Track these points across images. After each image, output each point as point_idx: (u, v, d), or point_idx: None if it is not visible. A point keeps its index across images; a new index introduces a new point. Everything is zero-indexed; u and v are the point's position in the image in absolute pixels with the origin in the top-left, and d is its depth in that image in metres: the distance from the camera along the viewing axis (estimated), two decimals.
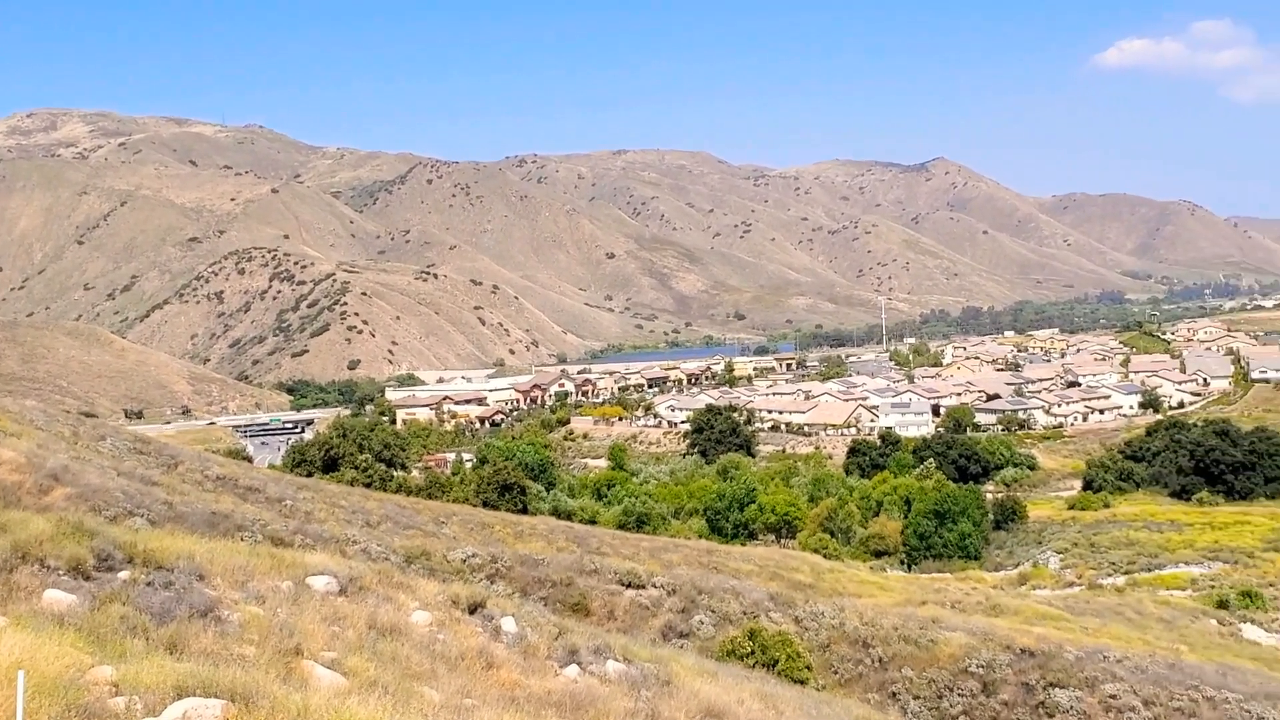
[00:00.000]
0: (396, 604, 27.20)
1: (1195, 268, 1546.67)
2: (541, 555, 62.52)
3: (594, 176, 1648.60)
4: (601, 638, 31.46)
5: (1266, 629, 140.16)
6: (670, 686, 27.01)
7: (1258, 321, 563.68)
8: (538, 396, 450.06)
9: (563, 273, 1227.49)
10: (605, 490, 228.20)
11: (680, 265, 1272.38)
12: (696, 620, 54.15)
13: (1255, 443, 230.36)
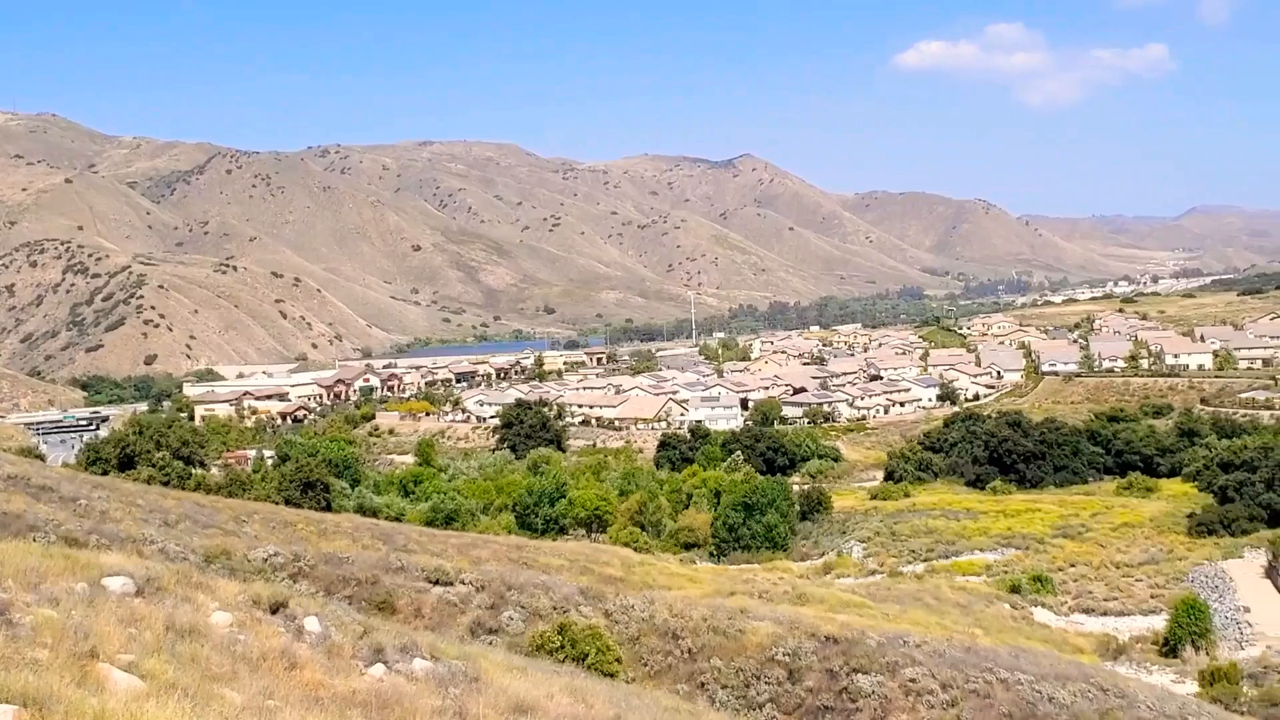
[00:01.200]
0: (196, 605, 26.33)
1: (990, 265, 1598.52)
2: (346, 553, 61.39)
3: (399, 167, 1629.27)
4: (408, 636, 30.95)
5: (1056, 612, 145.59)
6: (479, 683, 26.69)
7: (1047, 316, 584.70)
8: (342, 392, 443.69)
9: (368, 265, 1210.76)
10: (412, 487, 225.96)
11: (488, 258, 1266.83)
12: (506, 616, 53.77)
13: (1045, 433, 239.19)
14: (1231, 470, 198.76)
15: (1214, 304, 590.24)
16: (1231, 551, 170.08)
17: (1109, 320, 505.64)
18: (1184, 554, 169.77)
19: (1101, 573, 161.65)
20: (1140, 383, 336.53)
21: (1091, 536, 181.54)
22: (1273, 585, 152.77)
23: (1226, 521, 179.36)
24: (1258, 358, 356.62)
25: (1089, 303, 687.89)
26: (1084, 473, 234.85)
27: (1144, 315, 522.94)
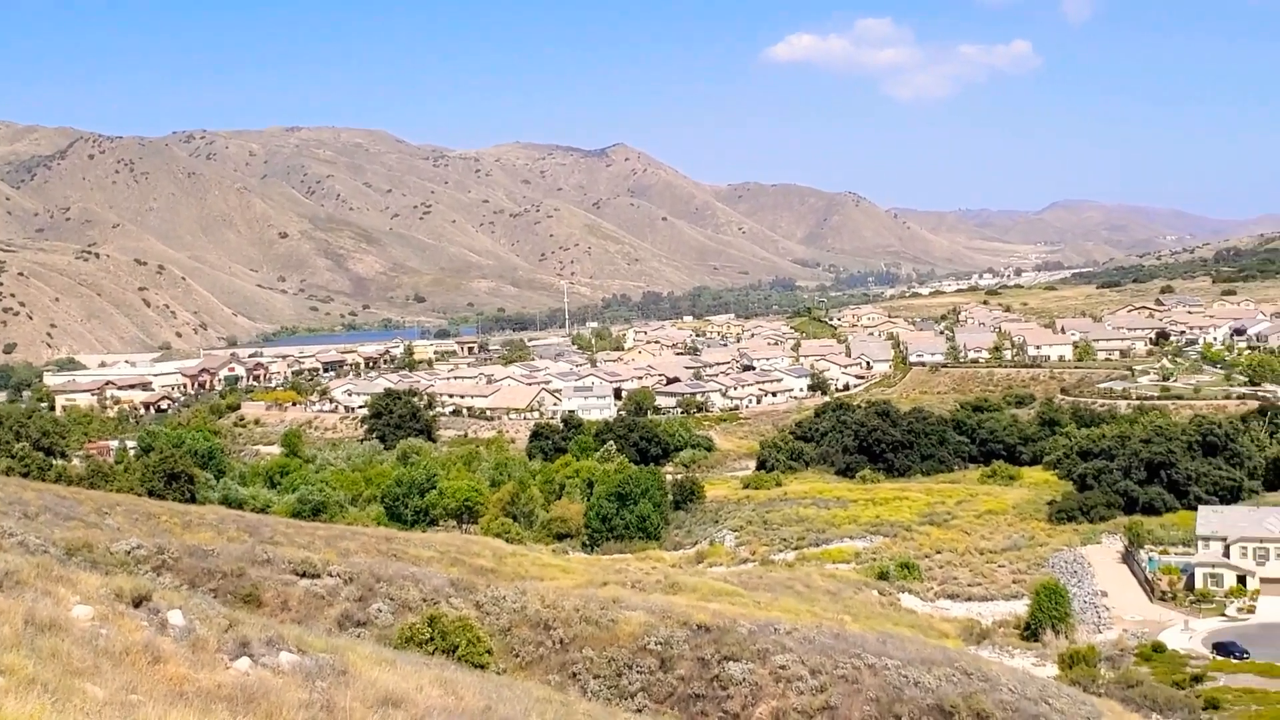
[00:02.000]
0: (56, 599, 25.59)
1: (860, 256, 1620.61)
2: (211, 546, 60.36)
3: (266, 154, 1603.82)
4: (275, 629, 30.44)
5: (922, 598, 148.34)
6: (347, 676, 26.28)
7: (915, 308, 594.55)
8: (207, 381, 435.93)
9: (234, 253, 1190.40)
10: (279, 478, 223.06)
11: (357, 246, 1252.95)
12: (375, 608, 53.29)
13: (913, 423, 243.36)
14: (1090, 458, 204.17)
15: (1074, 296, 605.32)
16: (1090, 537, 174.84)
17: (974, 312, 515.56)
18: (1045, 540, 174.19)
19: (966, 559, 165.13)
20: (1004, 373, 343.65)
21: (957, 524, 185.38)
22: (1129, 570, 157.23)
23: (1085, 508, 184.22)
24: (1115, 349, 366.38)
25: (955, 295, 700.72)
26: (950, 461, 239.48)
27: (1008, 307, 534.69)
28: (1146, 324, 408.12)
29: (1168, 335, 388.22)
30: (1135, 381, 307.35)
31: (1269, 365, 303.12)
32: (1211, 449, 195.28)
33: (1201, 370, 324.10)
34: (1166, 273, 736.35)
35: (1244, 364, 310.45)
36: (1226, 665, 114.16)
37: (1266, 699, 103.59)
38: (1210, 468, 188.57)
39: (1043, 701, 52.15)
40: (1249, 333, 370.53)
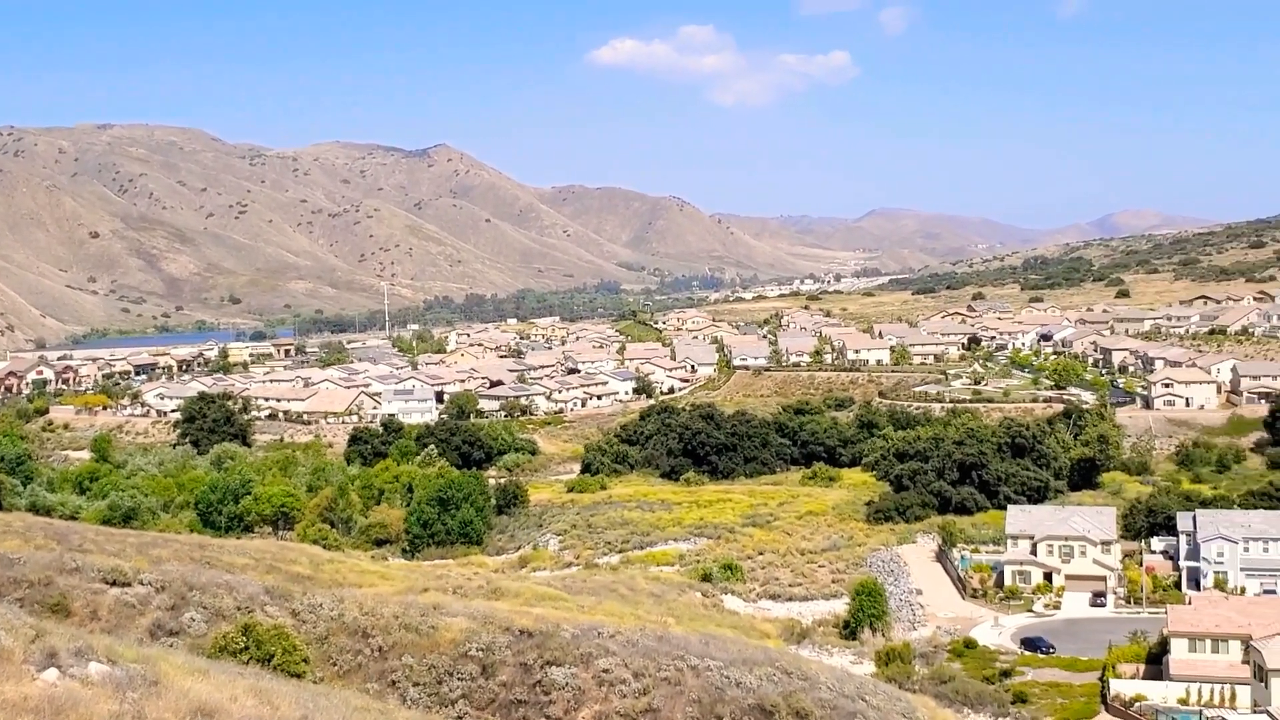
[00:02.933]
0: None
1: (684, 261, 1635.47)
2: (17, 554, 58.11)
3: (77, 151, 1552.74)
4: (84, 639, 29.49)
5: (745, 599, 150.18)
6: (159, 687, 25.74)
7: (739, 312, 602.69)
8: (13, 385, 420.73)
9: (42, 253, 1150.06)
10: (89, 484, 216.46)
11: (171, 246, 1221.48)
12: (188, 617, 51.97)
13: (736, 425, 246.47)
14: (906, 460, 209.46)
15: (891, 302, 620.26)
16: (906, 537, 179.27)
17: (796, 316, 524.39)
18: (863, 540, 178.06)
19: (788, 560, 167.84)
20: (824, 376, 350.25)
21: (779, 525, 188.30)
22: (942, 568, 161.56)
23: (902, 509, 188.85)
24: (930, 353, 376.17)
25: (778, 299, 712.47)
26: (772, 463, 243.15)
27: (828, 312, 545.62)
28: (960, 329, 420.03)
29: (979, 340, 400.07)
30: (949, 385, 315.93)
31: (1073, 370, 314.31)
32: (1020, 450, 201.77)
33: (1011, 374, 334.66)
34: (978, 280, 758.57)
35: (1050, 368, 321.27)
36: (1034, 660, 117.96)
37: (1071, 692, 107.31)
38: (1019, 468, 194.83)
39: (860, 699, 53.01)
40: (1055, 338, 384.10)
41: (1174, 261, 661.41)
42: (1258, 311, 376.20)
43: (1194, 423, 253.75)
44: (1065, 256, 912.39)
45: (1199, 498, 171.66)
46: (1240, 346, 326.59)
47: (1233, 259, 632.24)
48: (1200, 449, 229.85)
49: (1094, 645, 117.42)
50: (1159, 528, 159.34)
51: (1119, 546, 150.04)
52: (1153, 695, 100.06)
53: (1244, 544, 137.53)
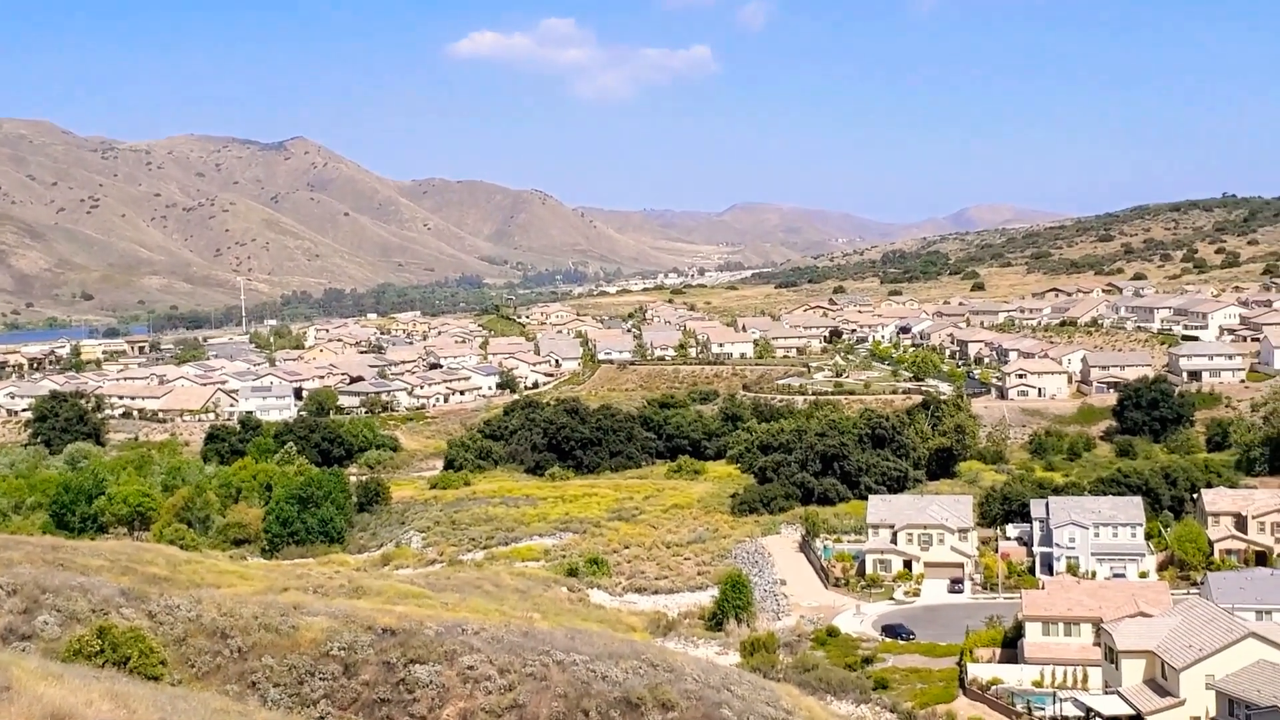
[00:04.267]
0: None
1: (547, 254, 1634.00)
2: None
3: None
4: None
5: (611, 593, 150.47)
6: (10, 692, 25.16)
7: (603, 306, 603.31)
8: None
9: None
10: None
11: (20, 242, 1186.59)
12: (40, 620, 50.45)
13: (602, 419, 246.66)
14: (770, 452, 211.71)
15: (754, 296, 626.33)
16: (770, 528, 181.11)
17: (660, 310, 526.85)
18: (728, 532, 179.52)
19: (653, 553, 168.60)
20: (689, 370, 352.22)
21: (644, 518, 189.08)
22: (806, 558, 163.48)
23: (766, 500, 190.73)
24: (793, 346, 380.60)
25: (642, 293, 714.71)
26: (638, 457, 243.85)
27: (692, 306, 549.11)
28: (821, 323, 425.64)
29: (841, 333, 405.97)
30: (811, 377, 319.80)
31: (931, 361, 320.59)
32: (880, 441, 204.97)
33: (871, 367, 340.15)
34: (839, 274, 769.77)
35: (909, 360, 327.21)
36: (894, 646, 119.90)
37: (930, 677, 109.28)
38: (879, 459, 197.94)
39: (725, 689, 53.24)
40: (913, 331, 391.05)
41: (1027, 255, 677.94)
42: (1106, 303, 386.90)
43: (1046, 412, 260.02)
44: (923, 250, 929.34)
45: (1051, 485, 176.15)
46: (1090, 338, 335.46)
47: (1082, 252, 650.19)
48: (1052, 438, 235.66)
49: (952, 630, 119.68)
50: (1014, 515, 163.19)
51: (976, 534, 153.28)
52: (1009, 678, 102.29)
53: (1094, 529, 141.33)
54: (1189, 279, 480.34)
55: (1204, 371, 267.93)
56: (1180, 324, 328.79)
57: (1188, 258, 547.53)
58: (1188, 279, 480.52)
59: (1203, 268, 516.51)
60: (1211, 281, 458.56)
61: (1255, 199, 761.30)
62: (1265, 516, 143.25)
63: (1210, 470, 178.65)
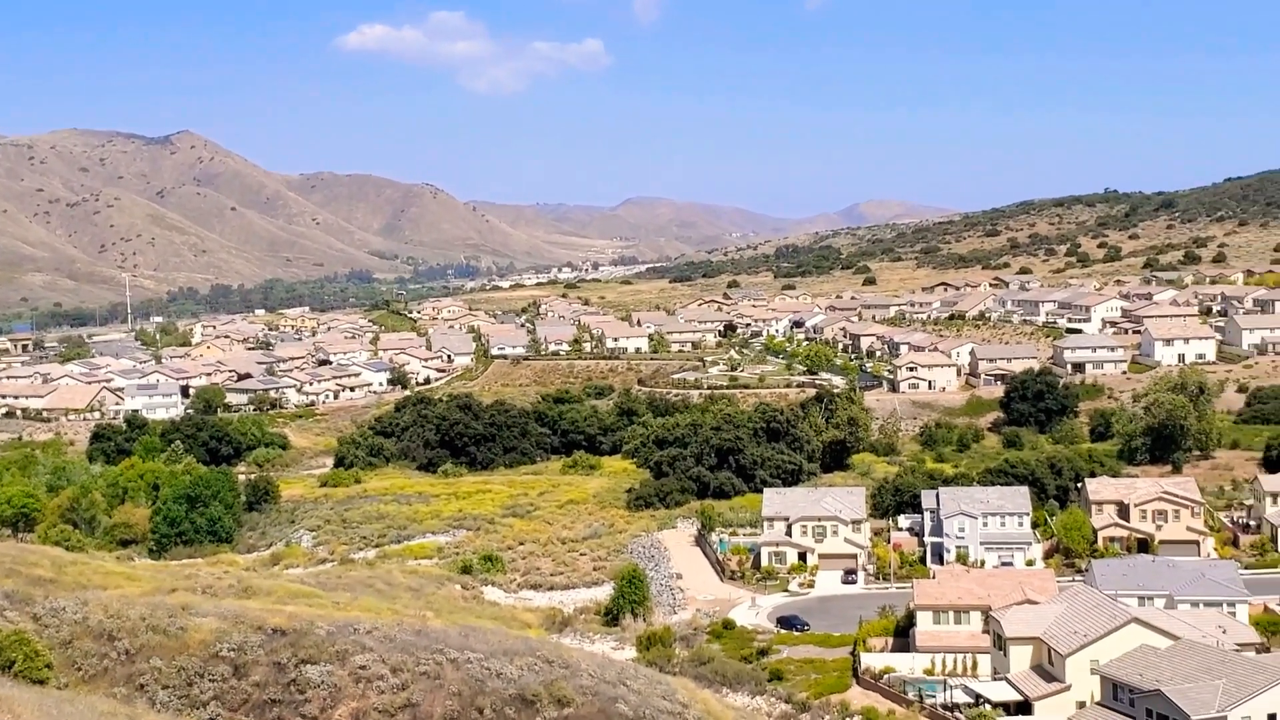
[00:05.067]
0: None
1: (439, 249, 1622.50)
2: None
3: None
4: None
5: (506, 590, 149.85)
6: None
7: (496, 301, 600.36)
8: None
9: None
10: None
11: None
12: None
13: (495, 415, 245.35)
14: (666, 446, 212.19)
15: (649, 291, 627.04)
16: (666, 522, 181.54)
17: (554, 305, 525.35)
18: (624, 527, 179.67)
19: (549, 549, 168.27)
20: (584, 365, 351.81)
21: (539, 514, 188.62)
22: (702, 552, 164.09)
23: (662, 495, 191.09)
24: (688, 341, 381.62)
25: (535, 288, 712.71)
26: (532, 453, 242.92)
27: (586, 300, 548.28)
28: (716, 317, 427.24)
29: (735, 327, 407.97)
30: (706, 372, 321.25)
31: (825, 355, 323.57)
32: (775, 435, 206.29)
33: (766, 360, 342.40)
34: (733, 268, 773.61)
35: (803, 354, 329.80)
36: (789, 638, 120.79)
37: (824, 667, 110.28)
38: (774, 452, 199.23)
39: (621, 684, 53.31)
40: (807, 324, 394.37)
41: (917, 250, 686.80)
42: (993, 297, 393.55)
43: (937, 404, 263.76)
44: (816, 245, 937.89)
45: (942, 476, 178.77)
46: (978, 331, 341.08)
47: (970, 247, 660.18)
48: (942, 429, 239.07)
49: (846, 621, 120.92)
50: (905, 506, 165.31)
51: (869, 525, 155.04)
52: (901, 666, 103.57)
53: (983, 519, 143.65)
54: (1073, 273, 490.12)
55: (1087, 363, 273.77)
56: (1065, 317, 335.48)
57: (1071, 252, 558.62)
58: (1071, 273, 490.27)
59: (1086, 262, 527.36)
60: (1094, 275, 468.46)
61: (1136, 194, 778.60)
62: (1146, 504, 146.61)
63: (1094, 460, 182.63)
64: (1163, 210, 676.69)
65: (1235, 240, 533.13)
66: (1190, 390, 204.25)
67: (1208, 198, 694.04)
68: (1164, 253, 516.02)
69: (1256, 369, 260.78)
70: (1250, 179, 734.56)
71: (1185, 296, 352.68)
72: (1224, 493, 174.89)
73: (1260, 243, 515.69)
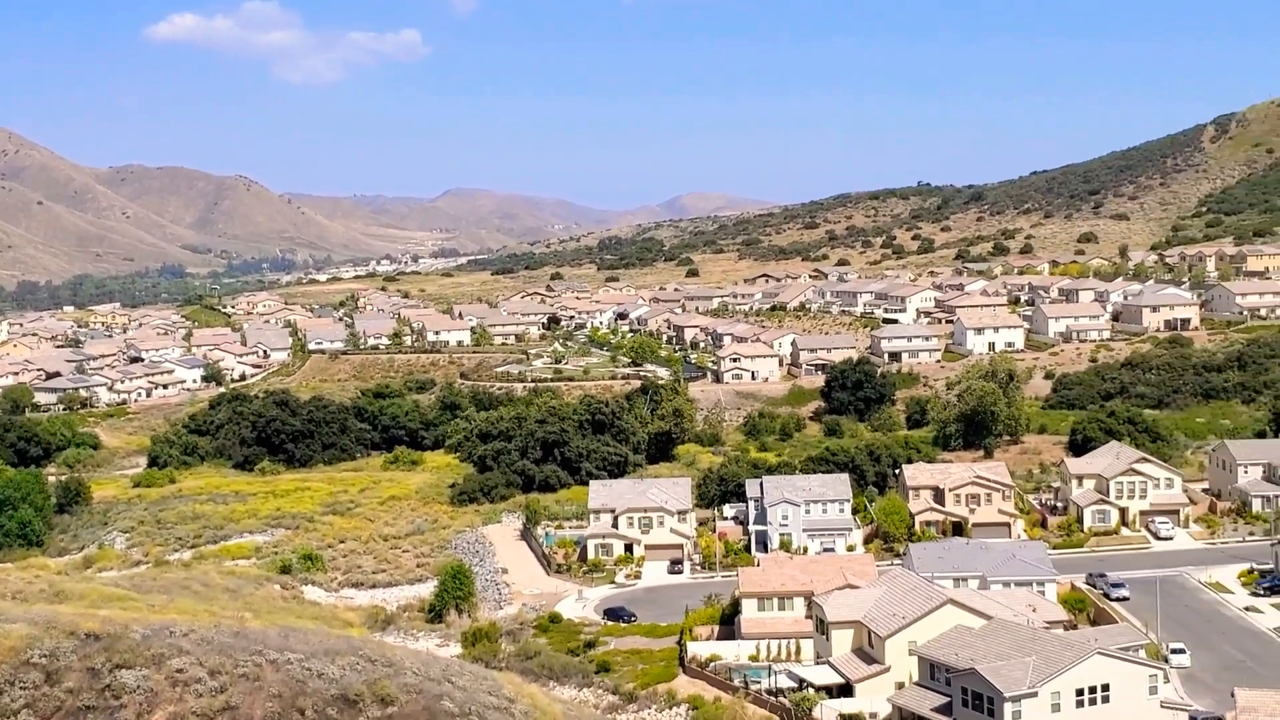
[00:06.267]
0: None
1: (254, 242, 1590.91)
2: None
3: None
4: None
5: (327, 589, 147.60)
6: None
7: (313, 295, 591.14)
8: None
9: None
10: None
11: None
12: None
13: (313, 411, 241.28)
14: (490, 440, 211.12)
15: (471, 283, 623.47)
16: (491, 517, 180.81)
17: (374, 298, 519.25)
18: (448, 522, 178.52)
19: (370, 546, 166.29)
20: (405, 359, 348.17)
21: (360, 512, 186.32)
22: (528, 546, 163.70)
23: (486, 489, 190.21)
24: (511, 333, 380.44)
25: (354, 281, 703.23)
26: (352, 449, 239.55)
27: (406, 293, 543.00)
28: (539, 309, 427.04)
29: (559, 320, 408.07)
30: (530, 364, 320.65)
31: (649, 347, 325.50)
32: (601, 427, 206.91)
33: (590, 353, 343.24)
34: (556, 260, 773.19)
35: (627, 346, 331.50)
36: (616, 629, 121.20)
37: (651, 657, 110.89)
38: (600, 444, 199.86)
39: (446, 680, 52.90)
40: (631, 316, 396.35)
41: (738, 242, 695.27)
42: (813, 288, 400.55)
43: (760, 394, 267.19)
44: (638, 237, 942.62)
45: (765, 465, 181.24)
46: (799, 321, 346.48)
47: (790, 239, 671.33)
48: (765, 419, 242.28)
49: (673, 611, 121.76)
50: (730, 495, 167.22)
51: (694, 515, 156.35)
52: (727, 654, 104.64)
53: (805, 507, 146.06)
54: (889, 264, 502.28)
55: (904, 353, 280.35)
56: (881, 308, 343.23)
57: (887, 244, 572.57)
58: (888, 264, 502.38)
59: (901, 253, 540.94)
60: (909, 266, 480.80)
61: (948, 188, 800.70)
62: (960, 489, 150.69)
63: (910, 446, 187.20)
64: (973, 203, 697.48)
65: (1041, 232, 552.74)
66: (1000, 378, 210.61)
67: (1015, 191, 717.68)
68: (974, 244, 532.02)
69: (1062, 356, 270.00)
70: (1054, 172, 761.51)
71: (995, 287, 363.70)
72: (1033, 476, 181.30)
73: (1064, 234, 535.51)
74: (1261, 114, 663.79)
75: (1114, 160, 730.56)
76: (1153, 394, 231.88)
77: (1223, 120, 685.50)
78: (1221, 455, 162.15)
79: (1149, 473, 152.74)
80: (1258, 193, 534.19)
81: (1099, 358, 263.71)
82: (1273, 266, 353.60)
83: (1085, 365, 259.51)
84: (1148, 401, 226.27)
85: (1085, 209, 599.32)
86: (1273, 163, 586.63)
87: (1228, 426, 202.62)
